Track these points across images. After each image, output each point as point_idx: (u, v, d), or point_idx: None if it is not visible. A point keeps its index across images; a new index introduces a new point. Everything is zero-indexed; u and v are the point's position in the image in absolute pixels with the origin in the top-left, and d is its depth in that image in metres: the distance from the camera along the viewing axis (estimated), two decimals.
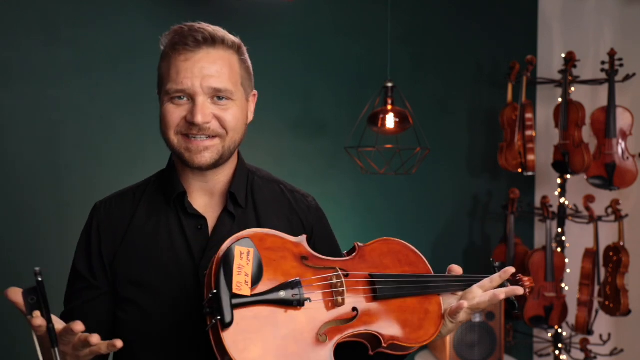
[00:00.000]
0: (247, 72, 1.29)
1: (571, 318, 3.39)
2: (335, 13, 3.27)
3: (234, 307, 1.04)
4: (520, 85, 3.32)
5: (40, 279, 0.97)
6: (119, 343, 1.01)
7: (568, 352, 3.39)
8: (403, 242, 1.29)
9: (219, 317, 1.03)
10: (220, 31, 1.24)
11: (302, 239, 1.20)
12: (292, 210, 1.36)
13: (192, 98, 1.20)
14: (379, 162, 2.91)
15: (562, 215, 3.37)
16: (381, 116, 2.82)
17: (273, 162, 3.05)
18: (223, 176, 1.30)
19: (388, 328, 1.16)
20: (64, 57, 2.65)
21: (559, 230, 3.39)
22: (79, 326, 0.99)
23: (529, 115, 3.30)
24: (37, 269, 0.97)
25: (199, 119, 1.19)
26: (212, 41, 1.21)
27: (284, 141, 3.15)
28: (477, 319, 3.11)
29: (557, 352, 3.37)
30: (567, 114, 3.21)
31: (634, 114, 3.12)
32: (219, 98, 1.22)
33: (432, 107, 3.50)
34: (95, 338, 1.00)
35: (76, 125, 2.69)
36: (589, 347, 3.25)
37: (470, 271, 1.32)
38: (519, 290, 1.22)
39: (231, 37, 1.26)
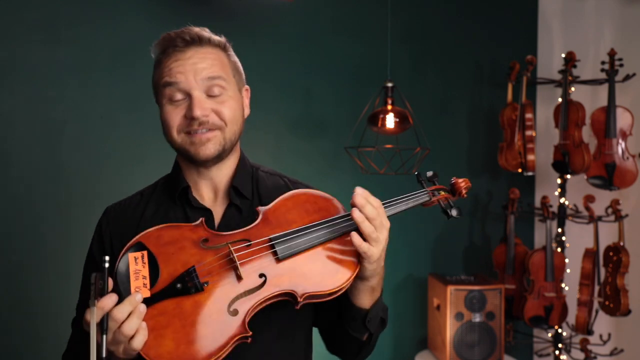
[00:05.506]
0: (236, 68, 1.33)
1: (571, 318, 3.39)
2: (335, 13, 3.27)
3: None
4: (520, 85, 3.32)
5: (107, 265, 1.06)
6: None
7: (568, 352, 3.39)
8: (307, 190, 1.27)
9: None
10: (206, 31, 1.29)
11: (200, 222, 1.21)
12: None
13: (188, 94, 1.24)
14: (379, 162, 2.91)
15: (562, 215, 3.37)
16: (381, 116, 2.82)
17: (273, 162, 3.04)
18: (227, 170, 1.34)
19: (301, 283, 1.16)
20: (64, 57, 2.65)
21: (559, 230, 3.39)
22: (139, 296, 1.09)
23: (529, 115, 3.30)
24: (106, 257, 1.07)
25: (197, 112, 1.22)
26: (200, 41, 1.26)
27: (284, 141, 3.15)
28: (477, 319, 3.11)
29: (557, 352, 3.37)
30: (567, 114, 3.21)
31: (634, 114, 3.12)
32: (214, 91, 1.25)
33: (432, 107, 3.50)
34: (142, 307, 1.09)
35: (76, 125, 2.68)
36: (589, 347, 3.25)
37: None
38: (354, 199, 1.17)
39: (216, 37, 1.30)
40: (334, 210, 1.24)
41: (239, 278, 1.15)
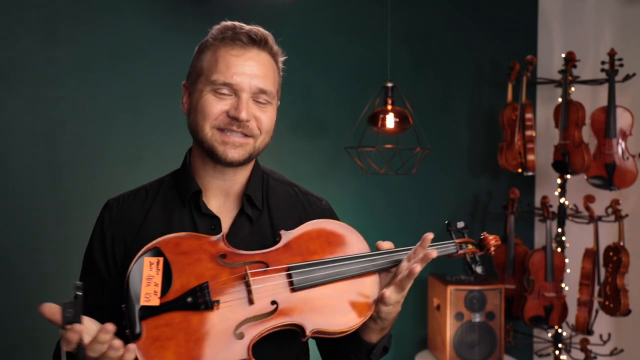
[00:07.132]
0: (280, 82, 1.34)
1: (571, 318, 3.39)
2: (335, 13, 3.27)
3: (142, 319, 1.09)
4: (520, 85, 3.32)
5: (79, 293, 1.01)
6: (110, 327, 1.05)
7: (568, 352, 3.39)
8: (334, 222, 1.25)
9: (127, 330, 1.09)
10: (270, 37, 1.29)
11: (220, 236, 1.19)
12: (305, 213, 1.37)
13: (237, 94, 1.23)
14: (379, 162, 2.91)
15: (562, 215, 3.37)
16: (381, 116, 2.82)
17: (273, 162, 3.02)
18: (241, 177, 1.32)
19: (312, 317, 1.14)
20: (64, 57, 2.65)
21: (559, 230, 3.39)
22: (111, 327, 1.05)
23: (529, 115, 3.30)
24: (78, 282, 1.02)
25: (244, 115, 1.21)
26: (264, 44, 1.26)
27: (284, 141, 3.15)
28: (478, 319, 3.11)
29: (557, 352, 3.37)
30: (567, 114, 3.21)
31: (634, 114, 3.12)
32: (260, 100, 1.25)
33: (432, 107, 3.50)
34: (110, 326, 1.05)
35: (76, 125, 2.68)
36: (589, 347, 3.25)
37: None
38: (432, 254, 1.20)
39: (276, 46, 1.30)
40: (357, 247, 1.22)
41: (251, 302, 1.13)
